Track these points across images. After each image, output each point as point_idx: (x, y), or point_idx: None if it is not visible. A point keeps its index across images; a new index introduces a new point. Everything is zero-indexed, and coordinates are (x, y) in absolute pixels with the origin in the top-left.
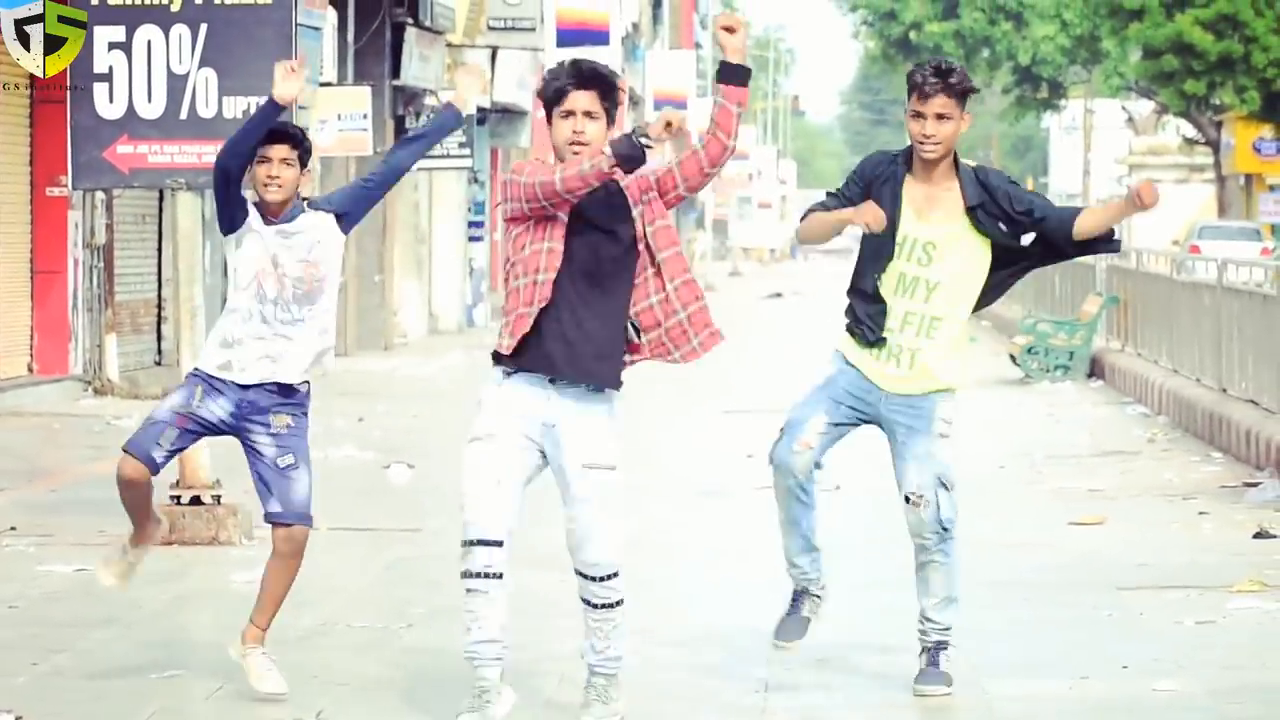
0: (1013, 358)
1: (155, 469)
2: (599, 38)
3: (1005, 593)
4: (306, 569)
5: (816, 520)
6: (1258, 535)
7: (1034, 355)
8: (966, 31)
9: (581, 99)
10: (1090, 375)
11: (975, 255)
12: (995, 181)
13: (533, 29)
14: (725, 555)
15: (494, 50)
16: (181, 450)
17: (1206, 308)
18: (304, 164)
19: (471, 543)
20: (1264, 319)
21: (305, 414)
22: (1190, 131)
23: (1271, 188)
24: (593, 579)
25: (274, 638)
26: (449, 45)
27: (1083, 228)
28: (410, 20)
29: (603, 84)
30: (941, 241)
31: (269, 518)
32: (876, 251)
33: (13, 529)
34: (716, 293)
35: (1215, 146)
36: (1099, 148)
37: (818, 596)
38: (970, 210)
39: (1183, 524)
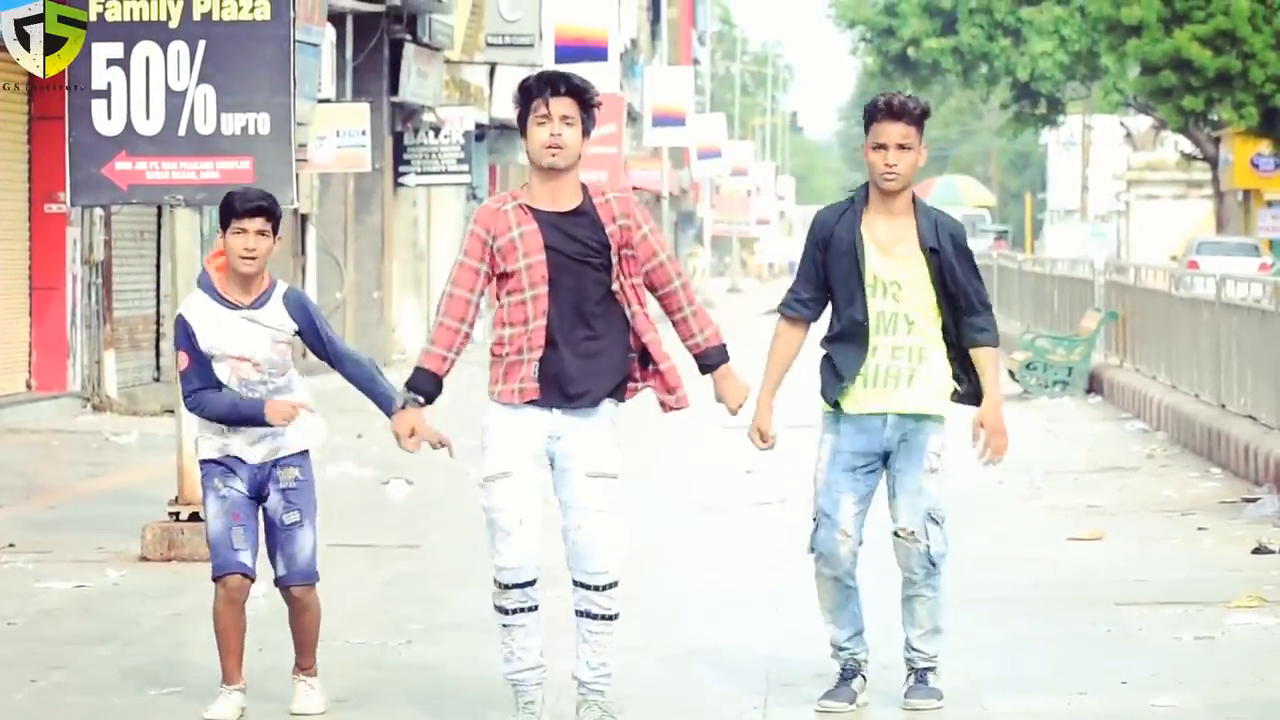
0: (1011, 373)
1: (249, 571)
2: (597, 54)
3: (1003, 608)
4: None
5: (861, 600)
6: (1256, 551)
7: (1033, 371)
8: (965, 47)
9: (559, 104)
10: (1089, 391)
11: (932, 291)
12: (947, 240)
13: (531, 45)
14: (724, 570)
15: (492, 66)
16: (256, 539)
17: (1205, 323)
18: (275, 231)
19: (506, 586)
20: (1262, 334)
21: (310, 466)
22: (1188, 147)
23: (1269, 203)
24: (596, 588)
25: (275, 654)
26: (447, 62)
27: (976, 355)
28: (409, 37)
29: (580, 94)
30: (906, 282)
31: (276, 582)
32: (850, 297)
33: (11, 546)
34: (715, 309)
35: (1213, 162)
36: (1097, 163)
37: (864, 678)
38: (926, 250)
39: (1181, 540)
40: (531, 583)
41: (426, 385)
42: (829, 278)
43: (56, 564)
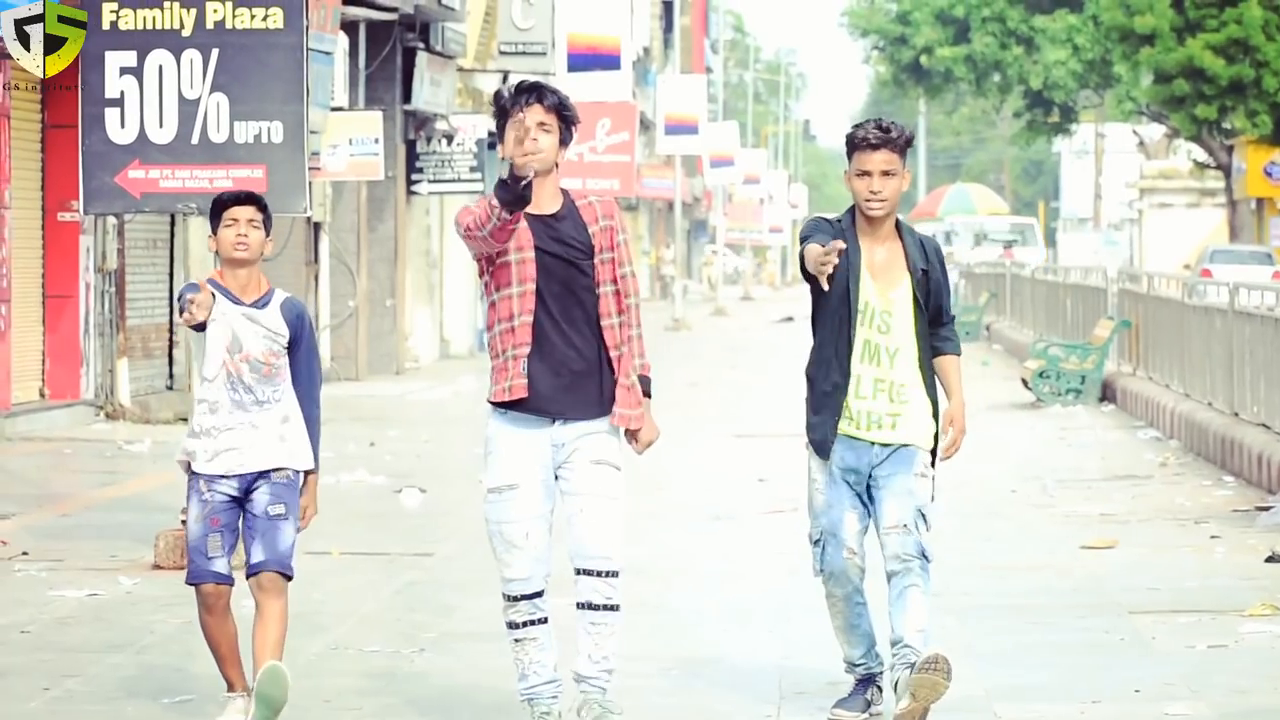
0: (1025, 382)
1: (224, 579)
2: (610, 62)
3: (1016, 616)
4: (318, 593)
5: (872, 615)
6: (1270, 559)
7: (1046, 379)
8: (977, 56)
9: (535, 112)
10: (1102, 399)
11: (914, 320)
12: (934, 259)
13: (544, 53)
14: (736, 579)
15: (505, 75)
16: (235, 546)
17: (1218, 332)
18: (268, 229)
19: (514, 598)
20: (1276, 343)
21: (299, 471)
22: (1201, 156)
23: None
24: (599, 574)
25: (285, 663)
26: (460, 70)
27: (942, 363)
28: (422, 45)
29: (558, 107)
30: (896, 309)
31: (250, 570)
32: (838, 324)
33: (24, 554)
34: (728, 317)
35: (1226, 171)
36: (1110, 172)
37: (879, 689)
38: (916, 271)
39: (1194, 548)
40: (540, 593)
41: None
42: (819, 300)
43: (69, 572)
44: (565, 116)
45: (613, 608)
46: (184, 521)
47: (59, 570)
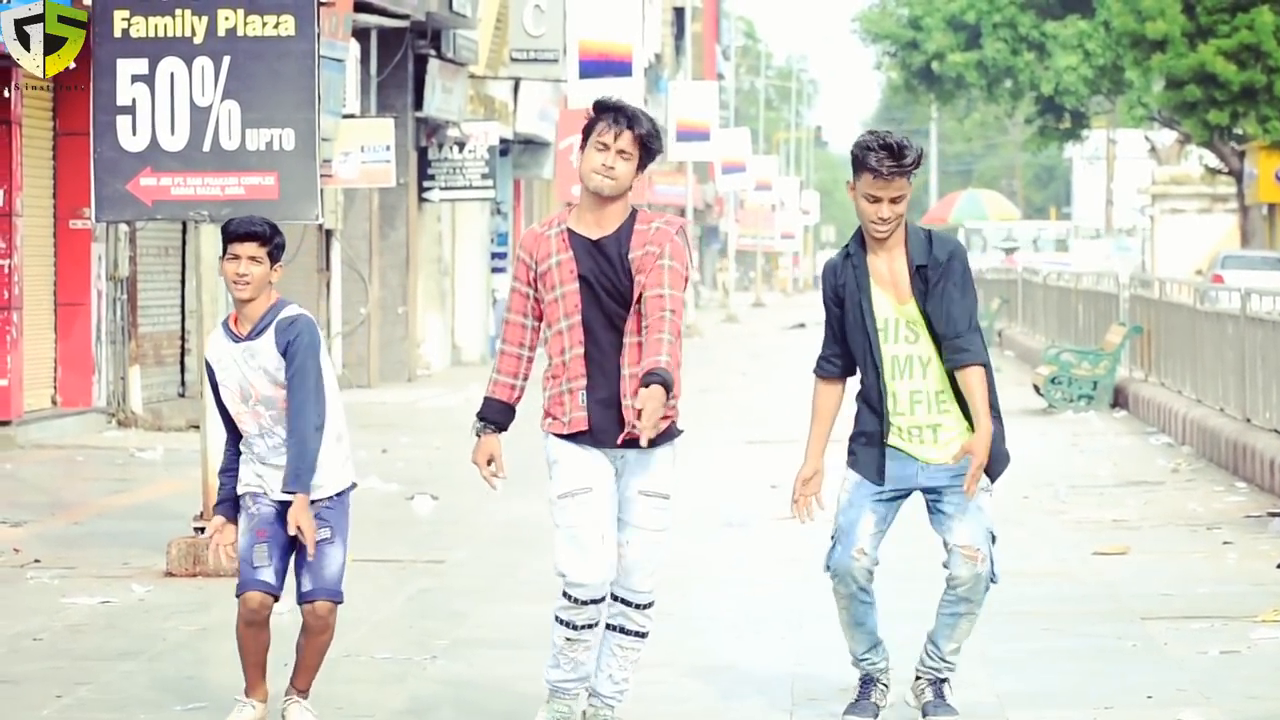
0: (1036, 388)
1: (269, 589)
2: (621, 69)
3: (1028, 622)
4: None
5: (878, 615)
6: None
7: (1058, 385)
8: (989, 62)
9: (624, 139)
10: (1114, 405)
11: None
12: (938, 253)
13: (555, 60)
14: (748, 585)
15: (516, 81)
16: (286, 562)
17: (1230, 337)
18: (274, 260)
19: (581, 602)
20: None
21: (347, 495)
22: (1213, 161)
23: None
24: (636, 606)
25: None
26: (472, 77)
27: (962, 377)
28: (433, 52)
29: (645, 137)
30: (920, 317)
31: (299, 598)
32: (864, 346)
33: (36, 561)
34: (740, 324)
35: (1238, 176)
36: (1122, 177)
37: (885, 685)
38: (917, 269)
39: (1206, 554)
40: (603, 599)
41: (497, 414)
42: (844, 329)
43: (82, 579)
44: (649, 147)
45: (643, 635)
46: (197, 530)
47: (71, 578)
